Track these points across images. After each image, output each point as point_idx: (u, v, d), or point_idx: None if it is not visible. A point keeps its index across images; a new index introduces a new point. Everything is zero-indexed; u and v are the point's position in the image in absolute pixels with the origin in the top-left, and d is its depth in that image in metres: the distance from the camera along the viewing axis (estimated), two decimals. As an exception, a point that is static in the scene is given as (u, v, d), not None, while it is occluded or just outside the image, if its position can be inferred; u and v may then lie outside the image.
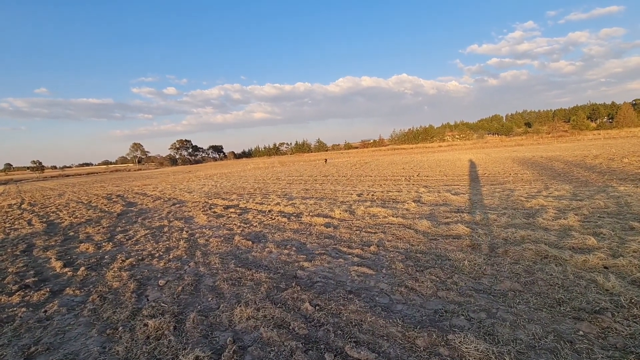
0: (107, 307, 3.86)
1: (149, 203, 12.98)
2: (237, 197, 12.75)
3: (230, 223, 7.93)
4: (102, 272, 5.08)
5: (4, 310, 3.99)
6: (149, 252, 5.98)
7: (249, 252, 5.57)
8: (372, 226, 6.62)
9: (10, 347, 3.19)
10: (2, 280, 5.03)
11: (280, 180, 18.70)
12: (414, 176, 14.96)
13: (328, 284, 4.03)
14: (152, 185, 22.37)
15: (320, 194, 11.65)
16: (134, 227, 8.30)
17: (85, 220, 10.04)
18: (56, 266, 5.51)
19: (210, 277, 4.58)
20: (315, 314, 3.26)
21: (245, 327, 3.17)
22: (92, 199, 16.59)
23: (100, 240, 7.16)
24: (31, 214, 12.55)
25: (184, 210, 10.44)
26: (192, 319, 3.35)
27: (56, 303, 4.05)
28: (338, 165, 29.05)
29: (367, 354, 2.55)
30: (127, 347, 3.00)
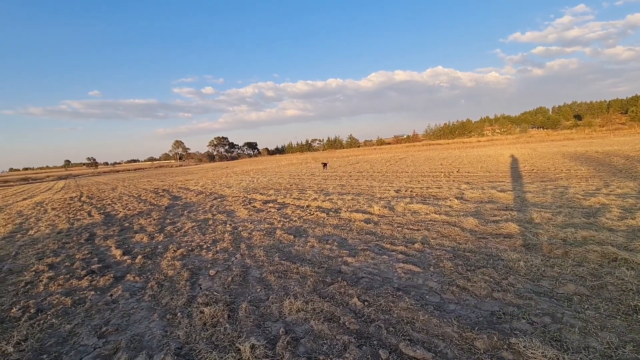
0: (165, 294, 4.12)
1: (192, 197, 13.65)
2: (274, 192, 13.02)
3: (271, 217, 8.12)
4: (157, 261, 5.43)
5: (76, 292, 4.40)
6: (197, 243, 6.29)
7: (291, 246, 5.66)
8: (414, 223, 6.46)
9: (84, 326, 3.51)
10: (71, 265, 5.55)
11: (315, 176, 18.83)
12: (454, 172, 14.38)
13: (374, 280, 4.00)
14: (194, 181, 23.50)
15: (357, 190, 11.57)
16: (181, 220, 8.78)
17: (137, 212, 10.79)
18: (116, 254, 5.97)
19: (256, 269, 4.72)
20: (365, 310, 3.24)
21: (296, 319, 3.24)
22: (141, 192, 17.78)
23: (152, 231, 7.66)
24: (90, 206, 13.72)
25: (225, 204, 10.85)
26: (244, 309, 3.48)
27: (120, 288, 4.39)
28: (372, 161, 28.68)
29: (423, 353, 2.49)
30: (186, 332, 3.18)
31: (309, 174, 20.76)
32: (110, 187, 24.47)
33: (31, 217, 11.91)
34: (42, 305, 4.03)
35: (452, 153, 29.74)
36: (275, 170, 27.53)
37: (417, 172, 15.75)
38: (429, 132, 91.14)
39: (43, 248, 6.88)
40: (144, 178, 35.69)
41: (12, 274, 5.33)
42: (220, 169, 42.20)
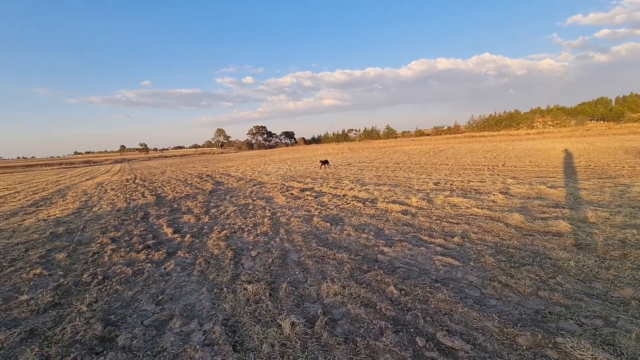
0: (212, 270, 4.46)
1: (233, 183, 14.31)
2: (311, 180, 13.23)
3: (308, 205, 8.31)
4: (204, 240, 5.84)
5: (135, 264, 4.89)
6: (239, 226, 6.65)
7: (328, 233, 5.80)
8: (454, 217, 6.29)
9: (143, 294, 3.92)
10: (130, 240, 6.14)
11: (352, 166, 18.78)
12: (499, 166, 13.61)
13: (411, 270, 4.00)
14: (234, 167, 24.52)
15: (394, 181, 11.41)
16: (224, 204, 9.28)
17: (184, 195, 11.57)
18: (168, 232, 6.51)
19: (295, 253, 4.92)
20: (402, 298, 3.28)
21: (333, 302, 3.36)
22: (187, 177, 18.95)
23: (198, 213, 8.20)
24: (143, 187, 14.93)
25: (264, 191, 11.26)
26: (284, 289, 3.67)
27: (172, 262, 4.81)
28: (410, 152, 27.92)
29: (462, 344, 2.50)
30: (232, 305, 3.44)
31: (345, 163, 20.74)
32: (159, 171, 26.33)
33: (94, 196, 13.25)
34: (108, 273, 4.54)
35: (498, 146, 28.01)
36: (312, 160, 27.81)
37: (458, 165, 15.12)
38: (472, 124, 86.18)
39: (105, 223, 7.67)
40: (189, 163, 37.86)
41: (81, 245, 6.03)
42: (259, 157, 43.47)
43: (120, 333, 3.05)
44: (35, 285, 4.26)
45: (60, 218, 8.77)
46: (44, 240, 6.45)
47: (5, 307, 3.70)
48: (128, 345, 2.84)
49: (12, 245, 6.25)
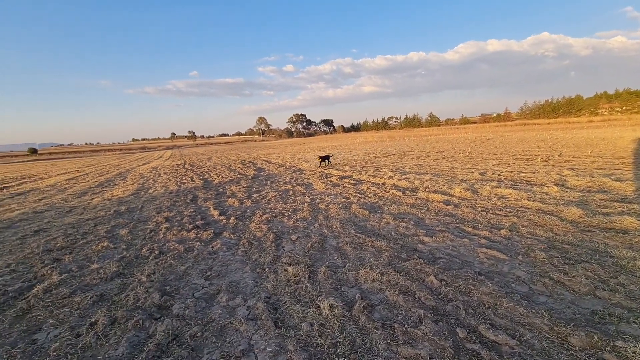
0: (254, 251, 4.69)
1: (274, 169, 14.72)
2: (349, 168, 13.20)
3: (346, 192, 8.33)
4: (247, 223, 6.14)
5: (186, 242, 5.30)
6: (280, 211, 6.87)
7: (366, 221, 5.79)
8: (502, 208, 5.94)
9: (194, 269, 4.25)
10: (181, 220, 6.64)
11: (391, 154, 18.37)
12: (554, 156, 12.49)
13: (452, 261, 3.89)
14: (275, 154, 25.16)
15: (436, 171, 10.99)
16: (265, 189, 9.62)
17: (228, 180, 12.16)
18: (214, 214, 6.93)
19: (333, 238, 4.99)
20: (442, 289, 3.22)
21: (371, 288, 3.39)
22: (231, 163, 19.84)
23: (241, 197, 8.60)
24: (192, 172, 15.93)
25: (303, 178, 11.46)
26: (322, 272, 3.77)
27: (219, 242, 5.14)
28: (454, 141, 26.56)
29: (506, 338, 2.41)
30: (273, 285, 3.62)
31: (384, 152, 20.33)
32: (206, 157, 27.84)
33: (150, 179, 14.42)
34: (163, 249, 4.98)
35: (554, 134, 25.60)
36: (350, 148, 27.61)
37: (507, 155, 14.13)
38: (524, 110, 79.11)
39: (160, 204, 8.35)
40: (233, 150, 39.50)
41: (140, 223, 6.65)
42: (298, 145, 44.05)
43: (174, 303, 3.36)
44: (103, 256, 4.80)
45: (122, 198, 9.71)
46: (109, 217, 7.20)
47: (80, 273, 4.23)
48: (182, 314, 3.13)
49: (84, 220, 7.07)
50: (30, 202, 10.03)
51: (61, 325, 3.06)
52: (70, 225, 6.72)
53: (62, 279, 4.02)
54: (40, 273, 4.26)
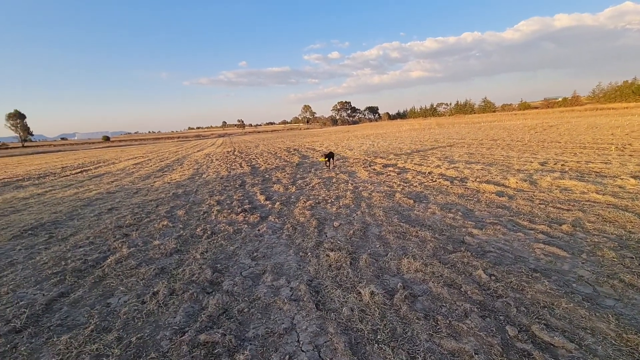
0: (298, 235, 4.83)
1: (318, 157, 14.86)
2: (394, 156, 12.86)
3: (390, 181, 8.16)
4: (291, 209, 6.32)
5: (235, 224, 5.62)
6: (323, 197, 6.96)
7: (410, 210, 5.64)
8: (564, 202, 5.40)
9: (242, 250, 4.50)
10: (231, 203, 7.03)
11: (439, 142, 17.50)
12: (633, 145, 10.92)
13: (504, 256, 3.65)
14: (319, 142, 25.34)
15: (489, 160, 10.26)
16: (309, 176, 9.78)
17: (274, 167, 12.57)
18: (261, 199, 7.23)
19: (376, 227, 4.95)
20: (491, 284, 3.05)
21: (414, 278, 3.33)
22: (277, 150, 20.43)
23: (286, 183, 8.84)
24: (241, 159, 16.72)
25: (347, 165, 11.42)
26: (364, 260, 3.77)
27: (265, 226, 5.37)
28: (510, 128, 24.46)
29: (563, 341, 2.23)
30: (315, 269, 3.71)
31: (432, 140, 19.42)
32: (254, 145, 28.98)
33: (203, 164, 15.43)
34: (215, 230, 5.34)
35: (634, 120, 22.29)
36: (396, 135, 26.81)
37: (573, 143, 12.67)
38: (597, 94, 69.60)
39: (212, 188, 8.92)
40: (279, 138, 40.54)
41: (195, 205, 7.18)
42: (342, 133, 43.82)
43: (224, 279, 3.61)
44: (164, 234, 5.29)
45: (179, 182, 10.55)
46: (169, 199, 7.88)
47: (144, 248, 4.72)
48: (230, 290, 3.36)
49: (147, 201, 7.83)
50: (104, 183, 11.33)
51: (129, 292, 3.46)
52: (137, 205, 7.49)
53: (130, 252, 4.52)
54: (112, 246, 4.84)
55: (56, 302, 3.31)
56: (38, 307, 3.18)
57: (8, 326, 2.90)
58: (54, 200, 8.77)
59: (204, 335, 2.59)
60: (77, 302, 3.30)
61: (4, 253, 4.84)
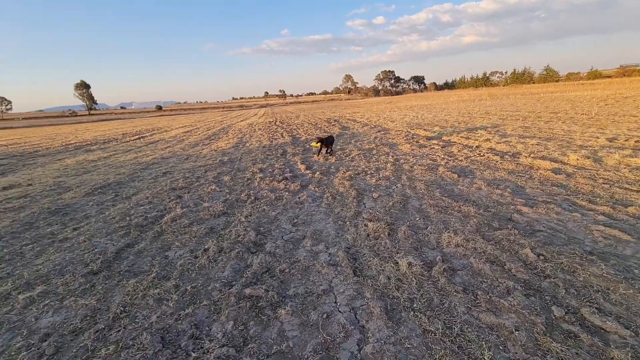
0: (337, 205, 4.91)
1: (358, 128, 14.60)
2: (439, 129, 12.23)
3: (434, 154, 7.84)
4: (331, 179, 6.39)
5: (276, 191, 5.83)
6: (363, 169, 6.92)
7: (454, 185, 5.43)
8: (634, 182, 4.86)
9: (283, 215, 4.70)
10: (273, 171, 7.27)
11: (490, 115, 16.23)
12: None
13: (556, 236, 3.43)
14: (360, 113, 24.77)
15: (546, 134, 9.37)
16: (349, 147, 9.71)
17: (315, 137, 12.60)
18: (301, 168, 7.38)
19: (416, 200, 4.86)
20: (539, 264, 2.91)
21: (454, 253, 3.27)
22: (317, 121, 20.38)
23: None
24: (282, 129, 16.98)
25: (388, 137, 11.12)
26: (403, 231, 3.76)
27: (305, 194, 5.52)
28: (575, 100, 21.85)
29: (616, 326, 2.10)
30: (353, 237, 3.79)
31: (482, 112, 18.06)
32: (294, 115, 29.13)
33: (246, 134, 15.93)
34: (257, 195, 5.60)
35: None
36: (442, 107, 25.29)
37: (657, 116, 11.05)
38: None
39: (255, 157, 9.25)
40: (319, 109, 40.24)
41: (239, 172, 7.53)
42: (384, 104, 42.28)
43: (267, 242, 3.84)
44: (212, 197, 5.67)
45: (225, 150, 11.06)
46: (215, 165, 8.34)
47: (196, 210, 5.11)
48: (273, 251, 3.57)
49: (197, 167, 8.36)
50: (159, 149, 12.23)
51: (184, 247, 3.82)
52: (187, 170, 8.04)
53: (183, 212, 4.93)
54: (168, 206, 5.31)
55: (124, 251, 3.78)
56: (109, 255, 3.65)
57: (87, 268, 3.38)
58: (117, 163, 9.71)
59: (249, 290, 2.82)
60: (140, 253, 3.74)
61: (79, 207, 5.54)
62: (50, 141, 18.41)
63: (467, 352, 2.04)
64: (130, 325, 2.49)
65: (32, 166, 10.08)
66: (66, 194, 6.39)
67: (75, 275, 3.26)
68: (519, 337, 2.10)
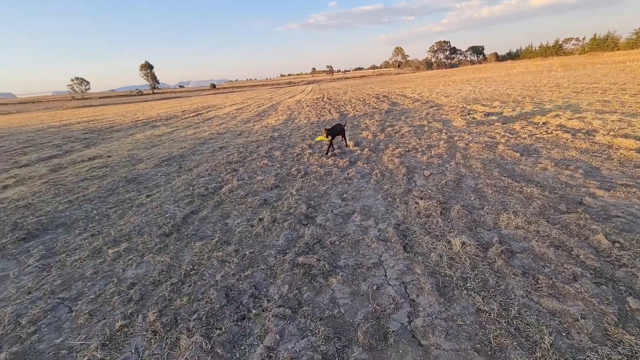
0: (386, 182, 4.87)
1: (408, 104, 13.98)
2: (500, 104, 11.24)
3: (492, 131, 7.29)
4: (380, 155, 6.30)
5: (325, 167, 5.92)
6: (413, 146, 6.69)
7: (515, 164, 5.04)
8: None
9: (332, 190, 4.79)
10: (321, 148, 7.35)
11: (561, 87, 14.46)
12: None
13: (636, 223, 3.07)
14: (410, 88, 23.58)
15: (632, 109, 8.16)
16: (398, 124, 9.39)
17: (363, 113, 12.37)
18: (349, 145, 7.35)
19: (472, 179, 4.62)
20: (613, 251, 2.65)
21: (513, 235, 3.10)
22: (365, 97, 19.87)
23: (375, 130, 8.70)
24: (329, 105, 16.88)
25: (441, 113, 10.52)
26: (456, 210, 3.64)
27: (353, 170, 5.53)
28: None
29: None
30: (403, 214, 3.76)
31: (551, 84, 16.14)
32: (342, 92, 28.67)
33: (295, 110, 16.14)
34: (307, 170, 5.74)
35: None
36: (504, 80, 23.03)
37: None
38: None
39: (304, 133, 9.39)
40: (367, 85, 39.05)
41: (289, 147, 7.74)
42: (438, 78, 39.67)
43: (317, 215, 3.97)
44: (264, 171, 5.94)
45: (274, 126, 11.37)
46: (267, 141, 8.64)
47: (250, 182, 5.41)
48: (323, 224, 3.69)
49: (249, 142, 8.74)
50: (214, 125, 12.96)
51: (241, 216, 4.11)
52: (241, 145, 8.45)
53: (239, 184, 5.26)
54: (225, 178, 5.68)
55: (189, 217, 4.18)
56: (178, 220, 4.07)
57: (160, 230, 3.82)
58: (179, 138, 10.52)
59: (302, 258, 2.98)
60: (204, 219, 4.11)
61: (150, 177, 6.18)
62: (122, 118, 20.42)
63: (525, 334, 1.98)
64: (199, 282, 2.80)
65: (110, 140, 11.35)
66: (139, 165, 7.14)
67: (151, 235, 3.71)
68: (585, 325, 1.98)
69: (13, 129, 18.39)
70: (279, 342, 2.09)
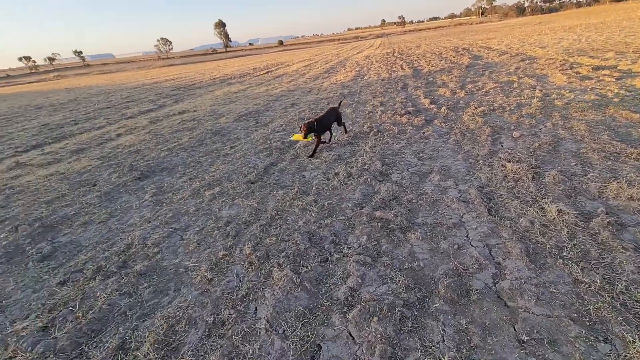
0: (467, 142, 4.54)
1: (494, 57, 12.35)
2: (614, 55, 9.28)
3: (603, 88, 6.14)
4: (459, 114, 5.83)
5: (399, 125, 5.71)
6: (499, 104, 6.02)
7: (632, 127, 4.26)
8: None
9: (407, 148, 4.65)
10: (394, 105, 7.05)
11: None
12: None
13: None
14: (496, 39, 20.64)
15: None
16: (481, 80, 8.44)
17: (439, 69, 11.34)
18: (425, 102, 6.91)
19: (573, 142, 4.06)
20: None
21: (624, 206, 2.72)
22: (442, 51, 18.04)
23: (453, 87, 7.98)
24: (401, 60, 15.77)
25: (534, 68, 9.12)
26: (552, 176, 3.28)
27: (430, 129, 5.25)
28: None
29: None
30: (487, 177, 3.52)
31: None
32: (414, 45, 26.38)
33: (364, 67, 15.47)
34: (380, 128, 5.62)
35: None
36: (621, 25, 18.69)
37: None
38: None
39: (374, 90, 9.05)
40: (444, 37, 35.21)
41: (360, 105, 7.58)
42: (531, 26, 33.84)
43: (392, 172, 3.94)
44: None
45: (343, 83, 11.13)
46: (336, 98, 8.56)
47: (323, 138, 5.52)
48: (399, 182, 3.66)
49: (319, 99, 8.77)
50: (285, 83, 13.18)
51: (317, 170, 4.29)
52: (311, 102, 8.53)
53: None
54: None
55: (270, 168, 4.49)
56: (260, 169, 4.41)
57: (246, 178, 4.20)
58: (253, 94, 11.00)
59: (379, 212, 3.04)
60: (283, 170, 4.38)
61: (232, 130, 6.68)
62: (201, 76, 21.91)
63: (634, 312, 1.81)
64: (284, 225, 3.08)
65: (193, 96, 12.38)
66: (220, 119, 7.74)
67: (239, 182, 4.12)
68: None
69: (116, 86, 21.12)
70: (360, 285, 2.24)
